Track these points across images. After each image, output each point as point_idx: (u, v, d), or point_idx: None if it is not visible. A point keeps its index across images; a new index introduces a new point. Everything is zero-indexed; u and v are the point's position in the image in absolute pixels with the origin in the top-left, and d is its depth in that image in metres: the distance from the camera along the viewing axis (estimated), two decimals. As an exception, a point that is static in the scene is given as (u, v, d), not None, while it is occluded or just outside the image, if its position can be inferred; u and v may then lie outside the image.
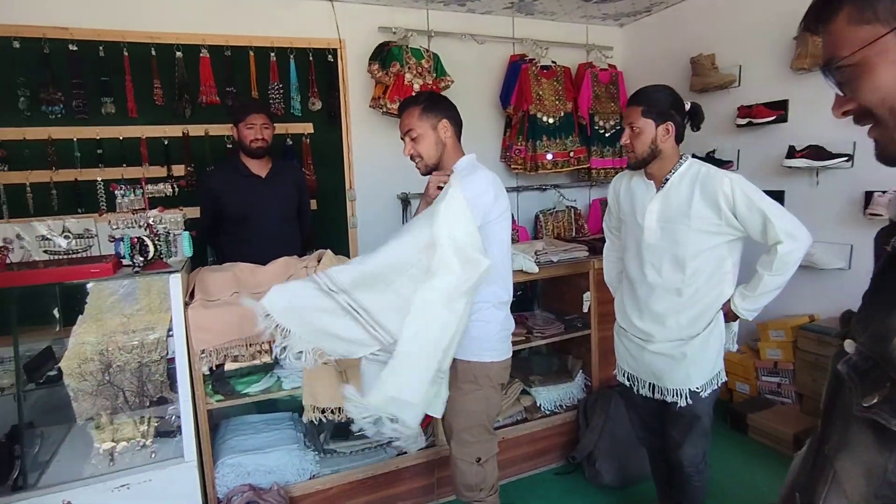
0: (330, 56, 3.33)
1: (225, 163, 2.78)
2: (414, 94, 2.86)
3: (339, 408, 2.12)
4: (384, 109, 3.23)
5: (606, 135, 3.84)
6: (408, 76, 3.19)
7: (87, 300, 2.06)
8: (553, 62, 3.70)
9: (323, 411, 2.11)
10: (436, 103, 1.74)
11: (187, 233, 2.09)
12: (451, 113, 1.75)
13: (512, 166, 3.70)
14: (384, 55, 3.20)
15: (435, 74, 3.32)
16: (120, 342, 2.03)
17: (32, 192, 2.79)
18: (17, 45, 2.70)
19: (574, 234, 3.92)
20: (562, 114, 3.69)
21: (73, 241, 2.46)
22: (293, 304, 1.52)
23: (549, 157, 3.66)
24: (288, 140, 3.27)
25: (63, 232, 2.49)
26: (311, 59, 3.27)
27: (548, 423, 2.61)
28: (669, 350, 1.79)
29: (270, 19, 3.17)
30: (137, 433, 2.06)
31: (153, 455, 1.96)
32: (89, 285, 2.02)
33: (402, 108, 1.76)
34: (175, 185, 2.24)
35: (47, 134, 2.78)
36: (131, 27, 2.88)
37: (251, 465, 2.11)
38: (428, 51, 3.34)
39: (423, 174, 1.77)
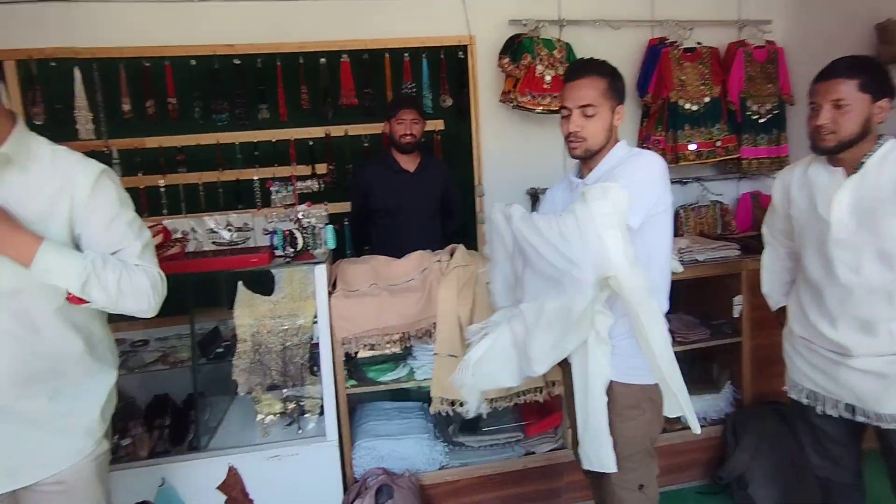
0: (461, 53, 3.36)
1: (377, 158, 2.94)
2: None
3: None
4: (514, 103, 3.19)
5: (761, 121, 3.43)
6: (539, 68, 3.11)
7: (239, 287, 2.25)
8: (698, 43, 3.39)
9: (452, 403, 2.13)
10: (619, 79, 1.55)
11: (330, 226, 2.23)
12: (624, 96, 1.58)
13: (649, 158, 3.45)
14: (515, 48, 3.16)
15: (567, 64, 3.20)
16: (268, 326, 2.21)
17: (204, 191, 3.17)
18: (193, 62, 3.08)
19: (720, 231, 3.56)
20: (707, 100, 3.37)
21: (235, 234, 2.75)
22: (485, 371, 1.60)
23: (693, 147, 3.36)
24: (421, 138, 3.36)
25: (227, 225, 2.80)
26: (442, 57, 3.33)
27: (689, 437, 2.39)
28: (881, 367, 1.50)
29: (405, 22, 3.27)
30: (295, 408, 2.23)
31: (299, 431, 2.12)
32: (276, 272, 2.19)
33: (578, 74, 1.53)
34: (321, 182, 2.39)
35: (216, 139, 3.15)
36: (284, 39, 3.15)
37: (385, 449, 2.20)
38: (559, 40, 3.23)
39: (576, 157, 1.58)
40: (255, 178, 3.21)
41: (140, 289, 1.17)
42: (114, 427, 2.07)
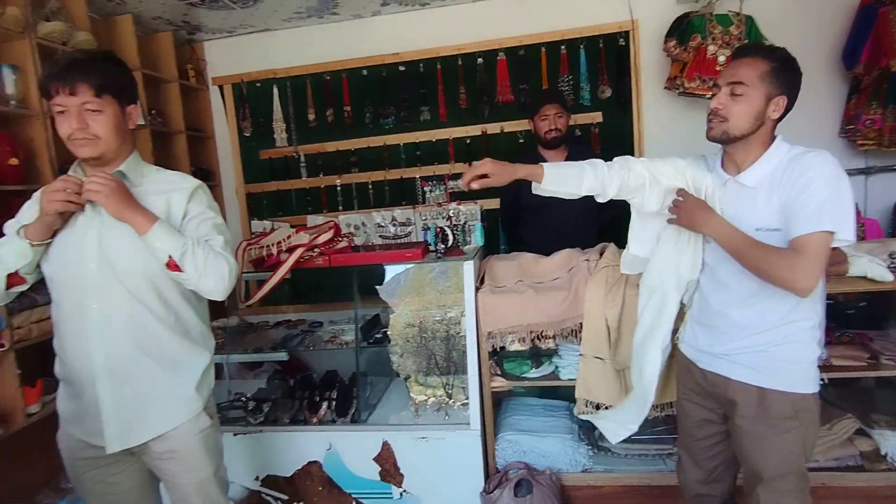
0: (621, 40, 3.19)
1: (525, 155, 2.95)
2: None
3: (614, 406, 2.04)
4: (681, 90, 2.93)
5: None
6: (711, 48, 2.81)
7: (411, 274, 2.43)
8: (932, -3, 2.73)
9: (597, 407, 2.07)
10: (791, 72, 1.39)
11: (480, 224, 2.30)
12: (794, 92, 1.39)
13: (859, 142, 2.90)
14: (682, 28, 2.89)
15: (747, 41, 2.84)
16: (434, 314, 2.35)
17: (373, 189, 3.49)
18: (364, 72, 3.41)
19: (959, 230, 2.85)
20: (945, 66, 2.70)
21: (399, 229, 2.98)
22: None
23: (921, 125, 2.73)
24: (577, 131, 3.27)
25: (392, 220, 3.05)
26: (601, 46, 3.20)
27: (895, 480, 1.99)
28: None
29: (561, 14, 3.21)
30: (443, 394, 2.36)
31: (446, 417, 2.24)
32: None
33: (745, 53, 1.41)
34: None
35: (383, 141, 3.44)
36: (443, 44, 3.31)
37: (527, 444, 2.22)
38: (738, 14, 2.87)
39: (712, 139, 1.44)
40: (417, 176, 3.44)
41: (219, 271, 1.39)
42: (292, 394, 2.43)
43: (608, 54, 3.20)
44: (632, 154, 3.24)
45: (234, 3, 2.95)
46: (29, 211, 1.43)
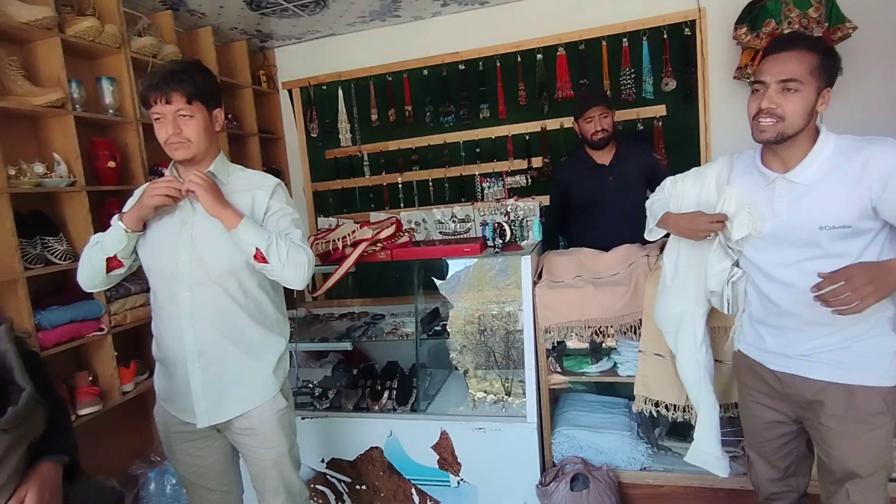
0: (687, 29, 3.09)
1: (573, 156, 2.93)
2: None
3: (675, 404, 2.01)
4: (752, 79, 2.80)
5: None
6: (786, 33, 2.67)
7: (471, 272, 2.48)
8: None
9: (656, 404, 2.04)
10: (834, 61, 1.34)
11: (538, 219, 2.32)
12: (834, 82, 1.35)
13: (952, 130, 2.67)
14: (755, 14, 2.76)
15: (827, 24, 2.68)
16: (493, 310, 2.38)
17: (433, 186, 3.57)
18: (425, 72, 3.49)
19: None
20: None
21: (458, 225, 3.04)
22: None
23: None
24: (639, 125, 3.21)
25: (451, 217, 3.12)
26: (665, 36, 3.11)
27: None
28: None
29: (623, 5, 3.14)
30: (501, 390, 2.41)
31: (504, 409, 2.28)
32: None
33: (788, 46, 1.33)
34: (529, 177, 2.49)
35: (443, 139, 3.51)
36: (502, 41, 3.33)
37: (584, 440, 2.22)
38: (818, -4, 2.71)
39: (764, 141, 1.38)
40: (476, 173, 3.48)
41: (300, 262, 1.49)
42: (355, 382, 2.54)
43: (672, 45, 3.11)
44: (697, 147, 3.16)
45: (303, 11, 3.11)
46: (129, 204, 1.60)
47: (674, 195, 1.72)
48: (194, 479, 1.65)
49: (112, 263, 1.54)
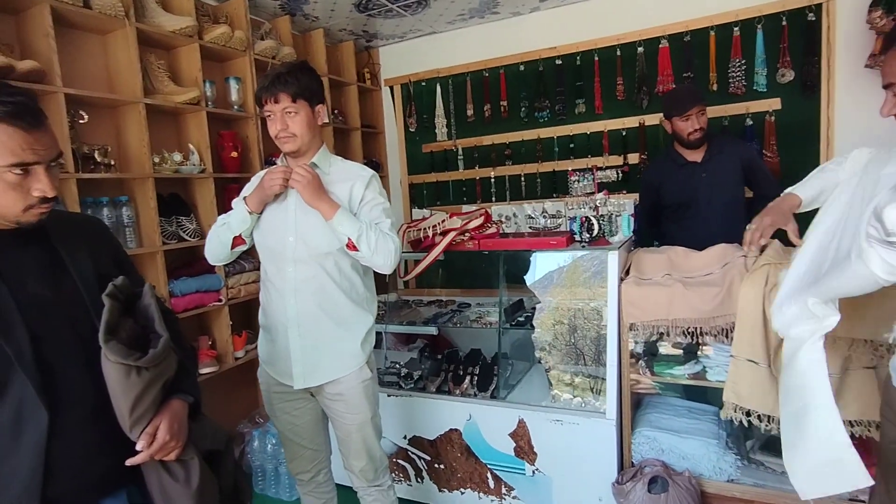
0: (811, 14, 2.84)
1: (663, 155, 2.81)
2: None
3: (768, 415, 1.89)
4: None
5: None
6: (929, 16, 2.38)
7: (564, 273, 2.49)
8: None
9: (748, 414, 1.93)
10: None
11: (627, 215, 2.27)
12: None
13: None
14: (892, -4, 2.49)
15: (983, 4, 2.35)
16: (583, 310, 2.36)
17: (525, 181, 3.60)
18: (521, 68, 3.52)
19: None
20: None
21: (549, 220, 3.04)
22: None
23: None
24: (748, 120, 3.01)
25: (542, 212, 3.13)
26: (783, 23, 2.89)
27: None
28: None
29: (738, -9, 2.97)
30: (585, 387, 2.39)
31: (583, 404, 2.27)
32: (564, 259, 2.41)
33: None
34: (619, 172, 2.45)
35: (537, 135, 3.52)
36: (601, 35, 3.27)
37: (666, 443, 2.15)
38: (972, -27, 2.39)
39: None
40: (570, 168, 3.46)
41: (387, 249, 1.64)
42: (439, 366, 2.65)
43: (792, 32, 2.88)
44: (817, 144, 2.91)
45: (406, 11, 3.27)
46: (248, 189, 1.82)
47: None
48: (290, 436, 1.85)
49: (237, 241, 1.76)
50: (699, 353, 2.15)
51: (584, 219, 2.28)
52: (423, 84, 3.84)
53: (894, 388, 1.36)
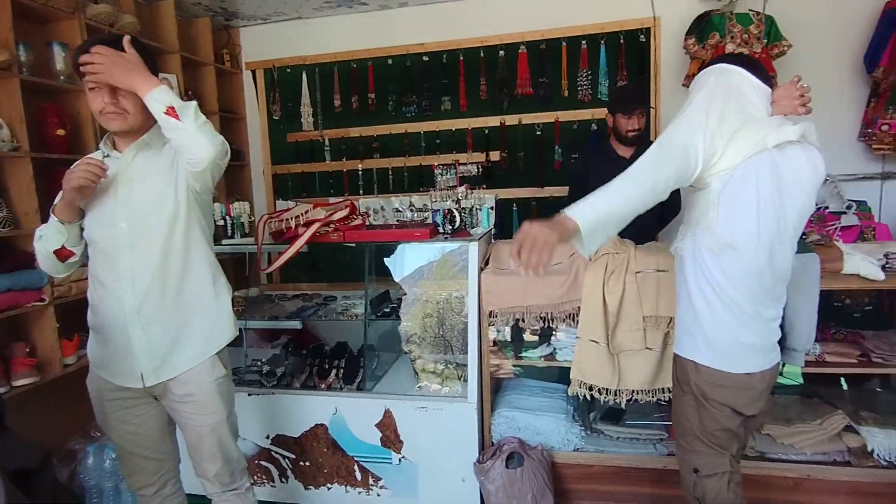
0: (642, 36, 3.23)
1: (596, 146, 2.98)
2: None
3: (607, 388, 2.13)
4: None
5: None
6: (729, 46, 2.83)
7: (436, 265, 2.54)
8: (960, 1, 2.71)
9: (590, 388, 2.15)
10: None
11: (487, 208, 2.40)
12: None
13: (874, 146, 2.89)
14: (702, 26, 2.92)
15: (766, 40, 2.85)
16: (448, 301, 2.42)
17: (393, 174, 3.62)
18: (390, 62, 3.53)
19: (978, 238, 2.82)
20: (970, 71, 2.68)
21: (415, 214, 3.08)
22: None
23: (940, 132, 2.72)
24: (593, 125, 3.33)
25: (409, 206, 3.16)
26: (621, 41, 3.25)
27: (882, 477, 2.02)
28: None
29: (584, 9, 3.26)
30: (448, 374, 2.47)
31: (446, 391, 2.35)
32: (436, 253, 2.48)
33: None
34: (480, 167, 2.57)
35: (404, 129, 3.56)
36: (466, 35, 3.40)
37: (522, 421, 2.31)
38: (759, 14, 2.89)
39: None
40: (436, 163, 3.54)
41: (216, 135, 1.46)
42: (304, 361, 2.57)
43: (628, 50, 3.25)
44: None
45: (269, -9, 3.11)
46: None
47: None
48: (130, 447, 1.66)
49: (62, 253, 1.53)
50: (552, 336, 2.34)
51: (446, 211, 2.35)
52: (289, 70, 3.68)
53: (677, 356, 1.59)
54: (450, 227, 2.32)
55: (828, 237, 2.42)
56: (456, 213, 2.32)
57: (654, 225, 2.76)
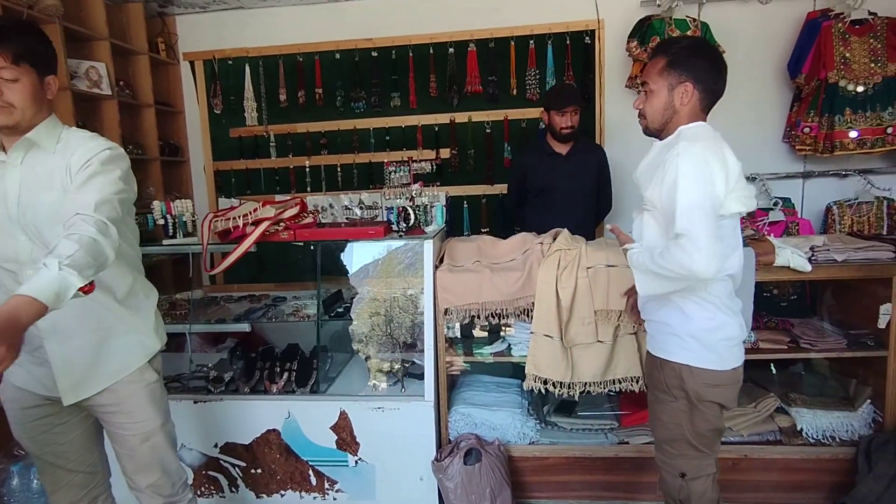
0: (587, 38, 3.32)
1: (534, 143, 3.05)
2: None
3: (561, 381, 2.18)
4: (640, 89, 3.08)
5: (952, 104, 2.90)
6: (669, 50, 2.96)
7: (381, 263, 2.51)
8: (871, 14, 2.95)
9: (545, 382, 2.19)
10: (687, 58, 1.46)
11: (440, 205, 2.39)
12: (701, 74, 1.47)
13: (797, 147, 3.11)
14: (644, 30, 3.04)
15: (702, 45, 3.00)
16: (399, 300, 2.41)
17: (342, 171, 3.55)
18: (337, 56, 3.45)
19: (886, 231, 3.09)
20: (879, 79, 2.93)
21: (365, 212, 3.03)
22: None
23: (854, 134, 2.96)
24: (541, 123, 3.39)
25: (359, 203, 3.11)
26: (568, 42, 3.33)
27: (810, 454, 2.18)
28: None
29: (532, 9, 3.32)
30: (393, 370, 2.46)
31: (403, 390, 2.33)
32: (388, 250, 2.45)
33: (653, 53, 1.57)
34: (433, 164, 2.56)
35: (353, 125, 3.50)
36: (415, 31, 3.38)
37: (479, 417, 2.33)
38: (695, 20, 3.04)
39: (645, 134, 1.65)
40: (386, 160, 3.51)
41: (100, 250, 1.21)
42: (253, 365, 2.48)
43: (574, 51, 3.34)
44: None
45: (208, -21, 2.96)
46: None
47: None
48: (52, 460, 1.52)
49: None
50: (504, 332, 2.37)
51: (400, 209, 2.33)
52: (230, 62, 3.52)
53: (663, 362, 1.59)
54: (404, 225, 2.30)
55: (759, 232, 2.59)
56: (410, 211, 2.30)
57: (590, 223, 2.92)
